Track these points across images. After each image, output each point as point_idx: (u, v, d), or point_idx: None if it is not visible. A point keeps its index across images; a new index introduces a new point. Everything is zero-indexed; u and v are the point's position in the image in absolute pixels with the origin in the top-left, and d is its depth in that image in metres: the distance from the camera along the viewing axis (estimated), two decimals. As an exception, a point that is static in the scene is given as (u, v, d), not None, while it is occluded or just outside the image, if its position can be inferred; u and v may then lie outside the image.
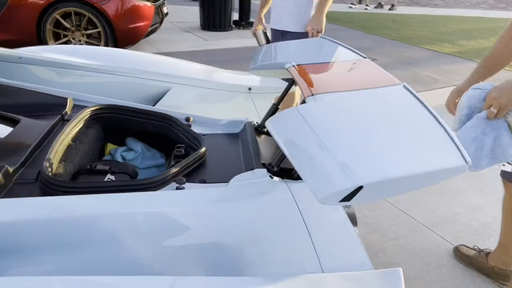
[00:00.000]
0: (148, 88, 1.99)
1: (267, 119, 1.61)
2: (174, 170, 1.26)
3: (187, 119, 1.64)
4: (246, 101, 2.04)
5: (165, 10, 6.02)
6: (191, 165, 1.33)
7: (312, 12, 2.82)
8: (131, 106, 1.63)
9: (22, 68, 1.89)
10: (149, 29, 5.37)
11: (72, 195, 1.11)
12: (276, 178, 1.27)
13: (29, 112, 1.54)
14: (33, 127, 1.42)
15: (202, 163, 1.39)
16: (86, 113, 1.55)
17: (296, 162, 0.99)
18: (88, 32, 4.97)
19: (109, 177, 1.32)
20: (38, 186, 1.16)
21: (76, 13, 4.87)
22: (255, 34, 3.01)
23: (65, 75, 1.94)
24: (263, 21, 3.06)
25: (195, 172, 1.34)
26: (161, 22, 5.98)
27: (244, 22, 7.84)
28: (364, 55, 1.48)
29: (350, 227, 1.31)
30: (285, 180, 1.28)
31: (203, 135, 1.59)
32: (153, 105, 1.93)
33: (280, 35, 2.90)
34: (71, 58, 1.99)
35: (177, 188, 1.21)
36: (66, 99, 1.62)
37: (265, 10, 3.11)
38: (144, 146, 1.66)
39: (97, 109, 1.59)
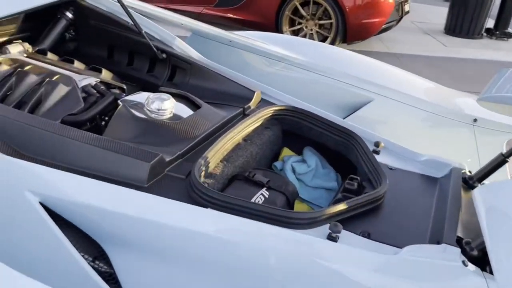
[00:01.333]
0: (346, 94, 1.73)
1: (486, 173, 1.17)
2: (333, 210, 0.99)
3: (377, 144, 1.33)
4: (466, 136, 1.57)
5: (406, 8, 5.56)
6: (358, 208, 1.04)
7: None
8: (316, 114, 1.42)
9: (229, 51, 1.88)
10: (383, 26, 5.05)
11: (213, 210, 0.99)
12: (471, 267, 0.87)
13: (214, 99, 1.50)
14: (211, 117, 1.35)
15: (375, 208, 1.07)
16: (267, 112, 1.41)
17: (498, 264, 0.61)
18: (321, 22, 4.96)
19: (263, 192, 1.15)
20: (184, 186, 1.07)
21: (314, 2, 4.91)
22: None
23: (267, 65, 1.85)
24: None
25: (362, 217, 1.04)
26: (399, 20, 5.57)
27: (500, 31, 6.63)
28: None
29: None
30: (485, 273, 0.87)
31: (390, 168, 1.26)
32: (345, 116, 1.66)
33: None
34: (279, 50, 1.88)
35: (329, 236, 0.94)
36: (253, 92, 1.51)
37: None
38: (320, 161, 1.44)
39: (280, 110, 1.44)
